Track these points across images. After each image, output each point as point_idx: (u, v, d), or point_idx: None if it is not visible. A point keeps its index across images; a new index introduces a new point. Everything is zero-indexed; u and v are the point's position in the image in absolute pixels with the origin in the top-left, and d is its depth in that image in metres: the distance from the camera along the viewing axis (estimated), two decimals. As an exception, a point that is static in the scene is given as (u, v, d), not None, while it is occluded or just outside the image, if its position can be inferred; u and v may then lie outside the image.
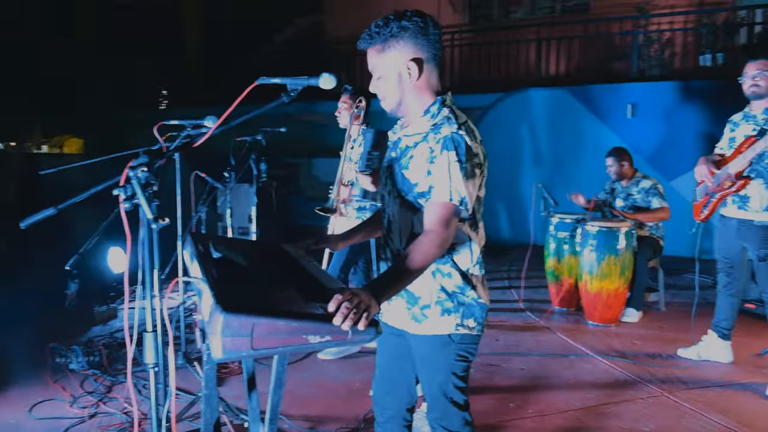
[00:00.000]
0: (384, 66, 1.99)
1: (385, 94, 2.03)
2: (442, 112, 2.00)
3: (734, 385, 3.89)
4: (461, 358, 2.08)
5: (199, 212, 4.78)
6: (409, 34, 1.95)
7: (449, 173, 1.89)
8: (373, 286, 1.72)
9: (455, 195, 1.88)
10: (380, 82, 2.02)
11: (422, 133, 2.00)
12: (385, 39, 1.96)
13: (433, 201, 1.90)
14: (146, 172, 1.83)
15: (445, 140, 1.91)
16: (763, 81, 3.69)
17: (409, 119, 2.09)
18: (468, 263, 2.05)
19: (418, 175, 1.98)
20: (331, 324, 1.56)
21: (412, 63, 1.97)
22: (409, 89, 2.01)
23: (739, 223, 3.82)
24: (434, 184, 1.91)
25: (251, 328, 1.50)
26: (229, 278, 1.78)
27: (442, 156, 1.91)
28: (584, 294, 5.17)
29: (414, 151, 2.01)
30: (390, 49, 1.97)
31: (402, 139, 2.09)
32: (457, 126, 1.94)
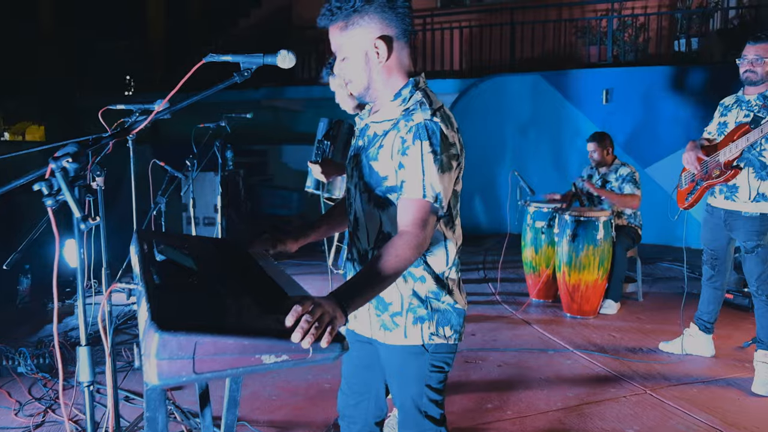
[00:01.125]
0: (348, 45, 1.75)
1: (352, 77, 1.79)
2: (415, 96, 1.77)
3: (718, 381, 3.76)
4: (436, 368, 1.86)
5: (159, 203, 4.50)
6: (375, 7, 1.71)
7: (423, 166, 1.66)
8: (340, 295, 1.49)
9: (429, 190, 1.66)
10: (345, 64, 1.78)
11: (392, 120, 1.77)
12: (347, 15, 1.71)
13: (406, 197, 1.67)
14: (74, 163, 1.57)
15: (417, 128, 1.68)
16: (759, 67, 3.51)
17: (378, 104, 1.86)
18: (443, 266, 1.83)
19: (388, 168, 1.75)
20: (288, 341, 1.33)
21: (379, 41, 1.73)
22: (377, 70, 1.77)
23: (727, 214, 3.67)
24: (406, 179, 1.68)
25: (193, 349, 1.26)
26: (172, 285, 1.53)
27: (415, 146, 1.67)
28: (562, 286, 5.01)
29: (383, 140, 1.77)
30: (354, 26, 1.72)
31: (370, 126, 1.86)
32: (431, 112, 1.72)
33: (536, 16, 9.93)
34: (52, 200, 1.53)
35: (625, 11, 9.50)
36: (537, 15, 9.94)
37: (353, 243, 1.94)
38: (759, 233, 3.51)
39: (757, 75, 3.51)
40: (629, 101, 8.22)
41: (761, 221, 3.50)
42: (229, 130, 5.02)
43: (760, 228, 3.51)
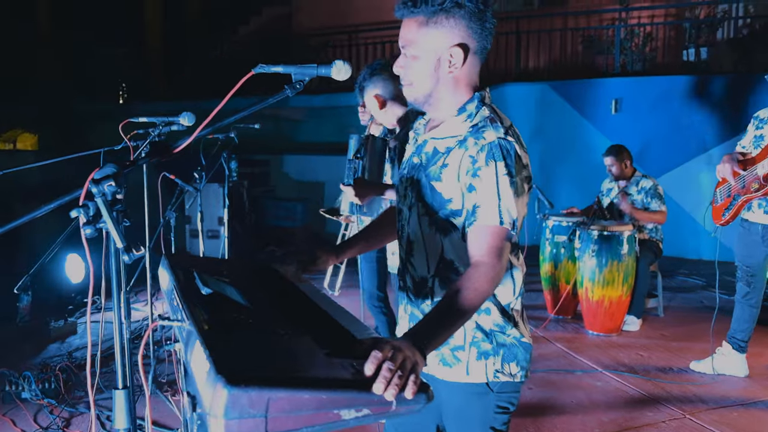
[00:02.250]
0: (423, 44, 1.58)
1: (415, 79, 1.63)
2: (482, 112, 1.62)
3: (757, 404, 3.61)
4: (501, 409, 1.70)
5: (168, 218, 4.32)
6: (464, 14, 1.56)
7: (498, 189, 1.51)
8: (417, 335, 1.32)
9: (506, 217, 1.50)
10: (412, 63, 1.62)
11: (457, 137, 1.61)
12: (433, 12, 1.55)
13: (481, 224, 1.52)
14: (113, 186, 1.40)
15: (491, 147, 1.53)
16: None
17: (438, 117, 1.70)
18: (510, 296, 1.67)
19: (453, 189, 1.60)
20: (369, 392, 1.17)
21: (457, 48, 1.58)
22: (446, 80, 1.62)
23: (765, 229, 3.53)
24: (479, 203, 1.52)
25: (266, 406, 1.09)
26: (226, 327, 1.37)
27: (489, 168, 1.52)
28: (585, 302, 4.85)
29: (447, 158, 1.62)
30: (436, 26, 1.57)
31: (428, 142, 1.70)
32: (504, 130, 1.57)
33: (542, 25, 9.83)
34: (92, 228, 1.37)
35: (631, 20, 9.41)
36: (543, 24, 9.83)
37: (407, 270, 1.78)
38: (801, 249, 3.38)
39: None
40: (638, 111, 8.11)
41: (804, 237, 3.37)
42: (237, 141, 4.88)
43: (802, 243, 3.38)
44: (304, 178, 9.89)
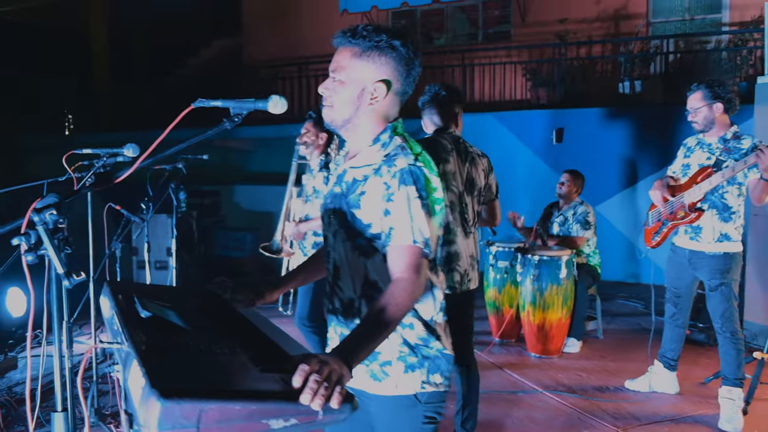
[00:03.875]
0: (352, 72, 1.72)
1: (337, 102, 1.75)
2: (394, 141, 1.75)
3: (686, 419, 3.80)
4: (429, 420, 1.80)
5: (114, 248, 4.32)
6: (395, 56, 1.71)
7: (410, 211, 1.63)
8: (343, 350, 1.42)
9: (419, 236, 1.62)
10: (338, 87, 1.74)
11: (373, 165, 1.74)
12: (369, 46, 1.70)
13: (396, 244, 1.63)
14: (55, 215, 1.47)
15: (402, 174, 1.66)
16: (698, 116, 3.65)
17: (354, 147, 1.83)
18: (431, 311, 1.79)
19: (372, 214, 1.71)
20: (297, 403, 1.25)
21: (381, 84, 1.72)
22: (364, 110, 1.75)
23: (691, 254, 3.75)
24: (394, 225, 1.65)
25: (197, 417, 1.17)
26: (163, 346, 1.44)
27: (401, 192, 1.65)
28: (527, 325, 5.02)
29: (365, 186, 1.74)
30: (368, 59, 1.71)
31: (347, 172, 1.82)
32: (413, 157, 1.70)
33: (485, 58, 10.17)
34: (33, 255, 1.43)
35: (571, 54, 9.83)
36: (486, 57, 10.18)
37: (334, 293, 1.87)
38: (722, 272, 3.61)
39: (699, 124, 3.66)
40: (578, 141, 8.44)
41: (724, 260, 3.60)
42: (185, 172, 4.90)
43: (723, 266, 3.60)
44: (254, 209, 9.89)
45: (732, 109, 3.61)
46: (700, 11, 9.68)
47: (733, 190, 3.58)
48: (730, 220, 3.59)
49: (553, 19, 10.07)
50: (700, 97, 3.61)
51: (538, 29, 10.37)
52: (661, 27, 9.90)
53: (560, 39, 9.75)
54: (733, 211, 3.60)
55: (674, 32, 9.69)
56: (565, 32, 9.79)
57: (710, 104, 3.58)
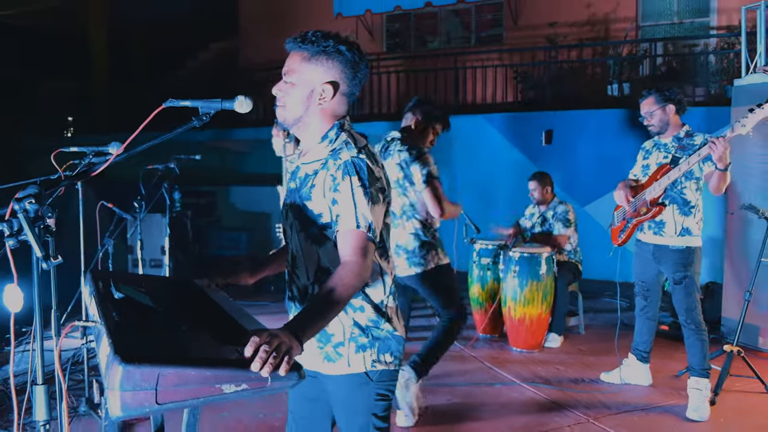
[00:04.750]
0: (302, 75, 1.87)
1: (288, 102, 1.89)
2: (341, 137, 1.90)
3: (655, 408, 3.94)
4: (381, 397, 1.94)
5: (106, 245, 4.46)
6: (341, 59, 1.86)
7: (354, 199, 1.78)
8: (293, 326, 1.57)
9: (362, 221, 1.77)
10: (289, 89, 1.88)
11: (321, 160, 1.89)
12: (317, 51, 1.85)
13: (343, 230, 1.78)
14: (35, 204, 1.62)
15: (346, 165, 1.81)
16: (654, 119, 3.85)
17: (306, 145, 1.97)
18: (381, 295, 1.93)
19: (322, 205, 1.86)
20: (248, 370, 1.40)
21: (328, 86, 1.87)
22: (314, 110, 1.89)
23: (655, 248, 3.91)
24: (340, 213, 1.79)
25: (156, 380, 1.32)
26: (132, 322, 1.59)
27: (345, 182, 1.80)
28: (508, 320, 5.16)
29: (314, 179, 1.89)
30: (316, 63, 1.86)
31: (300, 168, 1.97)
32: (357, 150, 1.85)
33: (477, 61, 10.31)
34: (14, 240, 1.58)
35: (561, 57, 9.98)
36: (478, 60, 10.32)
37: (292, 281, 2.01)
38: (685, 265, 3.76)
39: (656, 126, 3.86)
40: (567, 143, 8.58)
41: (686, 254, 3.76)
42: (177, 172, 5.03)
43: (686, 260, 3.76)
44: (249, 209, 10.04)
45: (682, 109, 3.83)
46: (688, 15, 9.83)
47: (691, 185, 3.75)
48: (690, 214, 3.76)
49: (544, 23, 10.24)
50: (652, 101, 3.82)
51: (530, 33, 10.53)
52: (651, 30, 10.05)
53: (550, 42, 9.90)
54: (693, 205, 3.77)
55: (663, 36, 9.83)
56: (556, 36, 9.94)
57: (663, 107, 3.78)
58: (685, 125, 3.90)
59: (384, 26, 12.10)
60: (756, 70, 5.34)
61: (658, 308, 4.15)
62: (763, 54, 5.37)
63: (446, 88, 10.39)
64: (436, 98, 10.41)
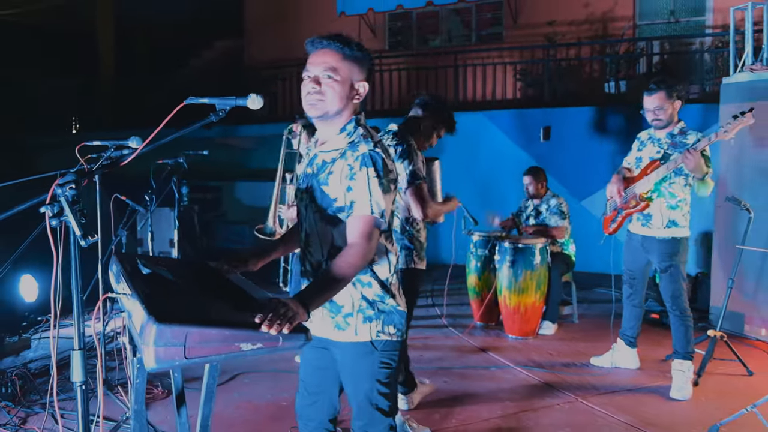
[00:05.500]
0: (345, 71, 2.07)
1: (330, 95, 2.06)
2: (358, 131, 2.11)
3: (641, 389, 4.16)
4: (384, 365, 2.16)
5: (120, 236, 4.69)
6: (367, 63, 2.11)
7: (369, 188, 2.00)
8: (302, 295, 1.80)
9: (375, 208, 1.99)
10: (333, 83, 2.05)
11: (339, 150, 2.10)
12: (353, 53, 2.07)
13: (355, 215, 2.00)
14: (74, 190, 1.84)
15: (363, 157, 2.02)
16: (662, 114, 3.97)
17: (325, 135, 2.18)
18: (387, 273, 2.15)
19: (338, 190, 2.07)
20: (262, 331, 1.62)
21: (365, 83, 2.10)
22: (350, 104, 2.10)
23: (643, 239, 4.12)
24: (355, 199, 2.01)
25: (184, 338, 1.54)
26: (160, 292, 1.81)
27: (362, 172, 2.01)
28: (503, 308, 5.38)
29: (332, 167, 2.10)
30: (354, 63, 2.08)
31: (318, 155, 2.18)
32: (373, 144, 2.07)
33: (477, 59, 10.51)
34: (56, 221, 1.81)
35: (560, 55, 10.18)
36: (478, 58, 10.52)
37: (306, 258, 2.23)
38: (671, 254, 3.98)
39: (663, 121, 4.00)
40: (565, 139, 8.79)
41: (672, 244, 3.97)
42: (186, 167, 5.24)
43: (671, 250, 3.97)
44: (254, 204, 10.26)
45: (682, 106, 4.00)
46: (684, 14, 10.02)
47: (680, 181, 3.96)
48: (677, 208, 3.97)
49: (543, 22, 10.44)
50: (663, 96, 3.91)
51: (529, 31, 10.73)
52: (648, 29, 10.24)
53: (549, 41, 10.09)
54: (680, 200, 3.97)
55: (660, 34, 10.02)
56: (554, 34, 10.14)
57: (672, 102, 3.93)
58: (681, 122, 4.04)
59: (386, 24, 12.30)
60: (743, 69, 5.54)
61: (644, 296, 4.36)
62: (751, 53, 5.57)
63: (447, 85, 10.59)
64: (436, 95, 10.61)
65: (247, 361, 4.62)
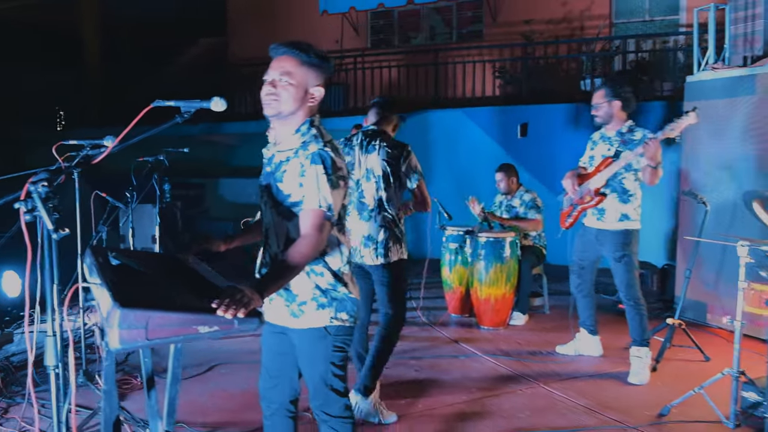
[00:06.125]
0: (299, 76, 2.22)
1: (285, 98, 2.22)
2: (311, 132, 2.27)
3: (602, 375, 4.36)
4: (338, 348, 2.33)
5: (100, 232, 4.82)
6: (325, 70, 2.28)
7: (318, 184, 2.16)
8: (257, 283, 1.96)
9: (323, 202, 2.16)
10: (286, 87, 2.22)
11: (293, 149, 2.26)
12: (310, 59, 2.23)
13: (306, 209, 2.17)
14: (46, 187, 1.99)
15: (313, 156, 2.19)
16: (600, 111, 4.25)
17: (281, 135, 2.33)
18: (339, 263, 2.32)
19: (291, 187, 2.24)
20: (218, 315, 1.78)
21: (320, 88, 2.26)
22: (304, 107, 2.27)
23: (598, 232, 4.32)
24: (305, 194, 2.18)
25: (146, 321, 1.70)
26: (127, 281, 1.96)
27: (311, 169, 2.18)
28: (475, 300, 5.56)
29: (287, 165, 2.26)
30: (310, 69, 2.24)
31: (275, 155, 2.35)
32: (323, 143, 2.23)
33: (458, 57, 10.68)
34: (30, 216, 1.95)
35: (538, 53, 10.37)
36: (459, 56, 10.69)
37: (266, 249, 2.41)
38: (623, 245, 4.18)
39: (600, 117, 4.24)
40: (542, 135, 8.98)
41: (624, 235, 4.18)
42: (167, 164, 5.37)
43: (624, 240, 4.18)
44: (237, 200, 10.40)
45: (628, 107, 4.19)
46: (659, 13, 10.23)
47: (630, 176, 4.16)
48: (628, 202, 4.18)
49: (521, 20, 10.62)
50: (602, 94, 4.20)
51: (508, 29, 10.91)
52: (624, 27, 10.45)
53: (526, 39, 10.28)
54: (631, 194, 4.18)
55: (635, 33, 10.22)
56: (531, 32, 10.32)
57: (609, 101, 4.16)
58: (629, 120, 4.27)
59: (369, 23, 12.45)
60: (707, 67, 5.74)
61: (593, 286, 4.56)
62: (713, 52, 5.77)
63: (427, 83, 10.76)
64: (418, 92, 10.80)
65: (224, 352, 4.79)
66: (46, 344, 2.12)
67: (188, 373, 4.36)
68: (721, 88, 5.42)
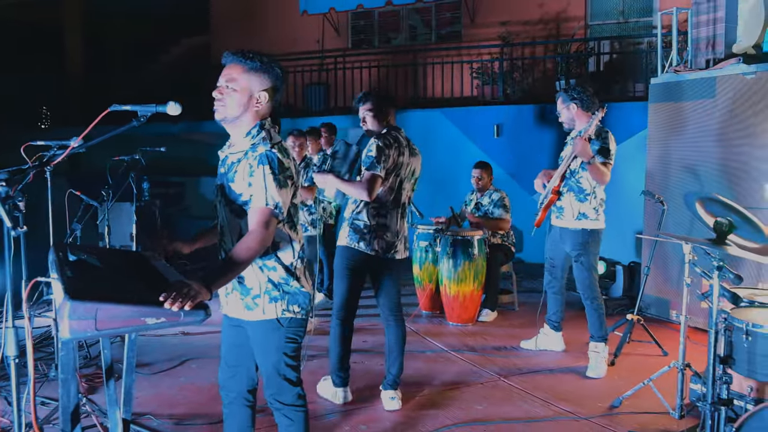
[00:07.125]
0: (243, 83, 2.35)
1: (230, 104, 2.36)
2: (260, 135, 2.39)
3: (562, 369, 4.50)
4: (290, 340, 2.46)
5: (74, 230, 4.89)
6: (271, 75, 2.38)
7: (265, 183, 2.28)
8: (206, 277, 2.07)
9: (270, 200, 2.28)
10: (231, 93, 2.35)
11: (243, 151, 2.39)
12: (254, 66, 2.35)
13: (253, 207, 2.29)
14: (5, 187, 2.09)
15: (260, 157, 2.31)
16: (562, 117, 4.46)
17: (234, 139, 2.46)
18: (290, 258, 2.44)
19: (242, 187, 2.36)
20: (164, 308, 1.89)
21: (264, 93, 2.37)
22: (250, 112, 2.39)
23: (561, 230, 4.47)
24: (254, 193, 2.30)
25: (95, 312, 1.81)
26: (80, 275, 2.07)
27: (259, 169, 2.30)
28: (444, 297, 5.69)
29: (237, 166, 2.39)
30: (254, 74, 2.36)
31: (228, 157, 2.47)
32: (271, 145, 2.35)
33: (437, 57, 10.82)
34: (-12, 215, 2.06)
35: (515, 54, 10.52)
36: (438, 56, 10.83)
37: (221, 246, 2.54)
38: (582, 244, 4.32)
39: (566, 123, 4.41)
40: (517, 135, 9.14)
41: (582, 235, 4.32)
42: (143, 163, 5.46)
43: (582, 240, 4.32)
44: (218, 199, 10.48)
45: (588, 107, 4.32)
46: (633, 14, 10.41)
47: (586, 175, 4.31)
48: (585, 201, 4.32)
49: (499, 21, 10.77)
50: (561, 101, 4.37)
51: (486, 30, 11.05)
52: (599, 29, 10.62)
53: (503, 40, 10.43)
54: (588, 193, 4.32)
55: (610, 34, 10.39)
56: (508, 34, 10.47)
57: (567, 105, 4.31)
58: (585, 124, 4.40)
59: (349, 23, 12.56)
60: (669, 70, 5.91)
61: (564, 284, 4.70)
62: (676, 55, 5.93)
63: (407, 82, 10.90)
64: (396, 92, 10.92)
65: (195, 347, 4.90)
66: (5, 336, 2.23)
67: (159, 368, 4.47)
68: (684, 90, 5.59)
